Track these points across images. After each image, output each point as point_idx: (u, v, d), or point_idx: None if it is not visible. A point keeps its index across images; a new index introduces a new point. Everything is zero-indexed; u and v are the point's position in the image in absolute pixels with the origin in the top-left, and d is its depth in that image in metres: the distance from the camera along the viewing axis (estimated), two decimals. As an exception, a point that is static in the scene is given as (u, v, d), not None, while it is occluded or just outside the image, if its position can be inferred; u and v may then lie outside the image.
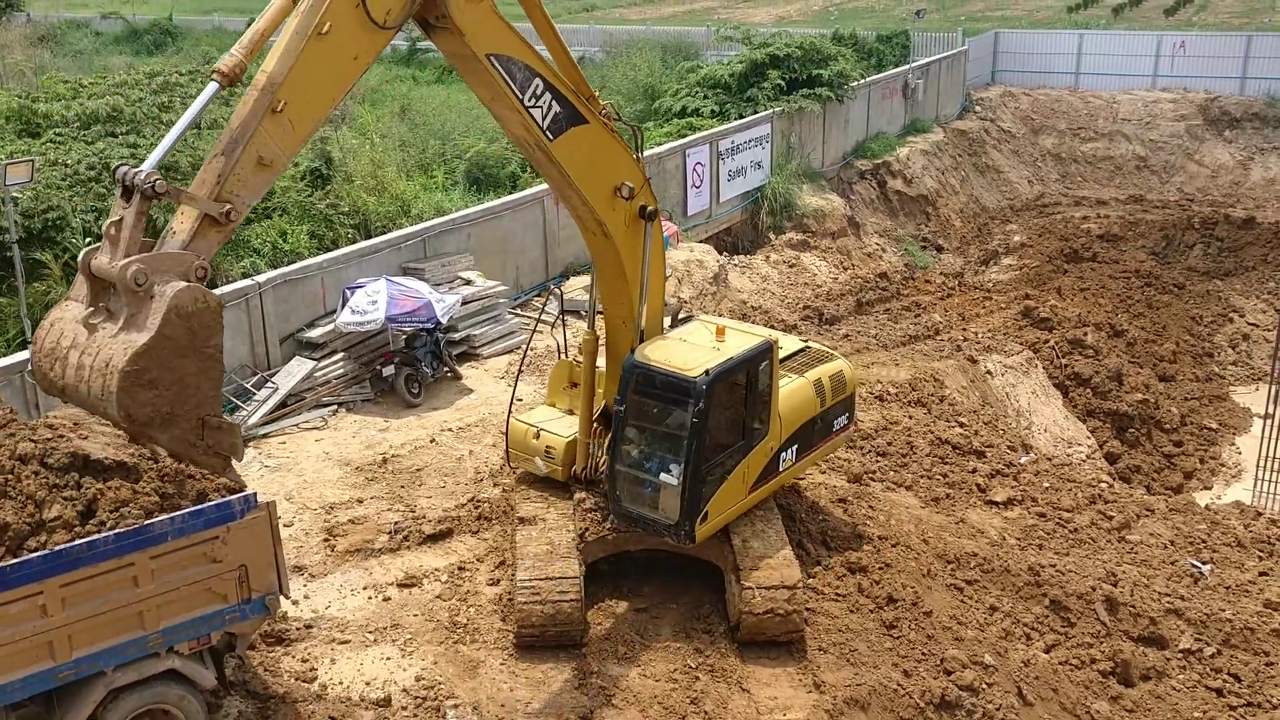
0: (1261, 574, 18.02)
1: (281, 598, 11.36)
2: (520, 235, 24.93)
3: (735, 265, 29.47)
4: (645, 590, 14.24)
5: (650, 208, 12.84)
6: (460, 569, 14.58)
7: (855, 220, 35.90)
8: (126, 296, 8.81)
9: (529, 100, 11.25)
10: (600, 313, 13.85)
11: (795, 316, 27.63)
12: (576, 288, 25.03)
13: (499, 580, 14.31)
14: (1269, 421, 24.85)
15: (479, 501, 16.14)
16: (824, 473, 17.66)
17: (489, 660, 12.96)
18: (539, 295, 25.08)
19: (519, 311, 23.68)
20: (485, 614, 13.73)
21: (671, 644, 13.32)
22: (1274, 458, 24.27)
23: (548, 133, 11.51)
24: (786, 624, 13.27)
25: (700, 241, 29.98)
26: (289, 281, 20.15)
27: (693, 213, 30.65)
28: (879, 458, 19.14)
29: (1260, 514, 20.99)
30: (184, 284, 8.87)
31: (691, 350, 13.14)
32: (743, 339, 13.64)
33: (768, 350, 13.61)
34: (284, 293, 20.04)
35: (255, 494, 10.92)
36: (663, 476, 12.95)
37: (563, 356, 15.08)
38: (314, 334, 20.23)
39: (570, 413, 14.51)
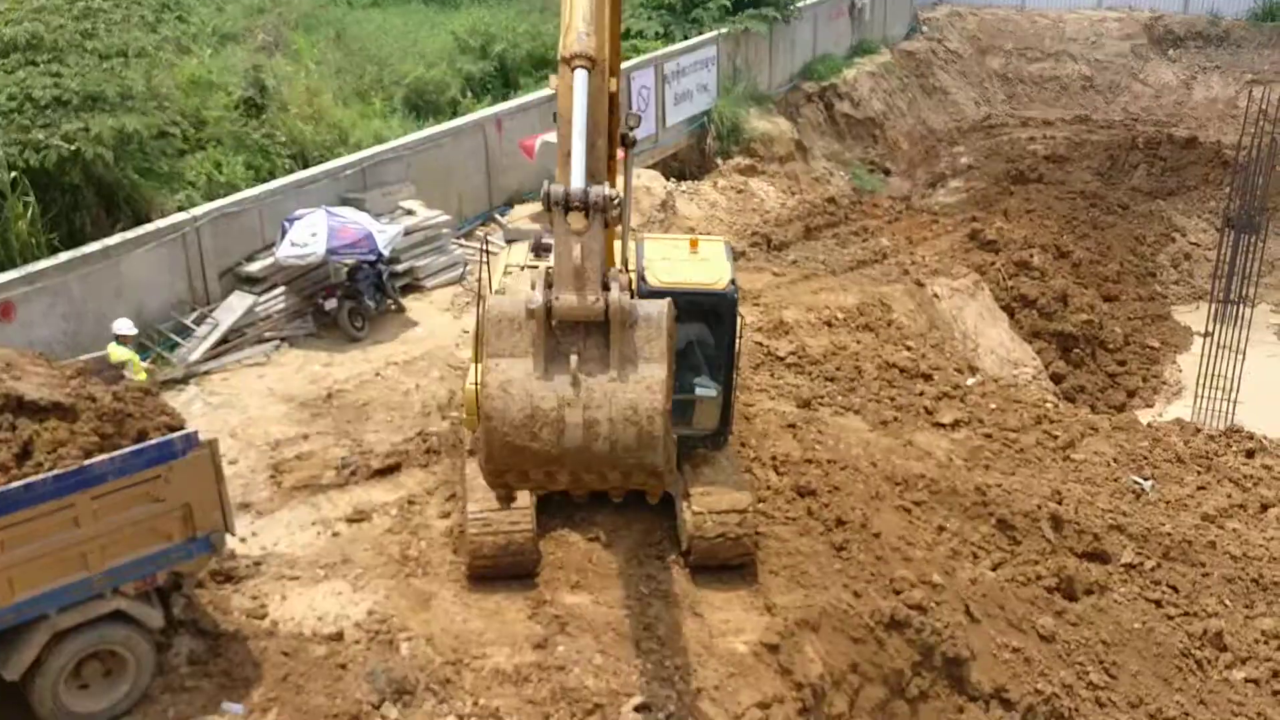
0: (1200, 488, 18.45)
1: (227, 536, 11.26)
2: (462, 163, 24.49)
3: (683, 192, 29.23)
4: (597, 519, 14.23)
5: (631, 135, 12.60)
6: (410, 503, 14.49)
7: (803, 144, 35.67)
8: (616, 332, 7.56)
9: None
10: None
11: (744, 243, 27.49)
12: (520, 217, 24.74)
13: (449, 513, 14.24)
14: (1209, 339, 25.30)
15: (427, 435, 16.01)
16: (773, 398, 17.70)
17: (441, 592, 12.93)
18: (483, 225, 24.74)
19: (463, 241, 23.34)
20: (436, 547, 13.68)
21: (624, 571, 13.35)
22: (1213, 375, 24.75)
23: None
24: (738, 548, 13.36)
25: (647, 168, 29.62)
26: (226, 215, 19.66)
27: (639, 138, 30.22)
28: (827, 382, 19.22)
29: (1199, 430, 21.46)
30: (664, 302, 7.81)
31: (695, 265, 13.33)
32: (713, 245, 13.98)
33: (731, 250, 14.25)
34: (221, 226, 19.56)
35: (197, 432, 10.77)
36: (699, 391, 13.29)
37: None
38: (253, 268, 19.82)
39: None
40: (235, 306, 19.15)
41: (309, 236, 19.05)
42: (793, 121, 36.12)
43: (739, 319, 13.24)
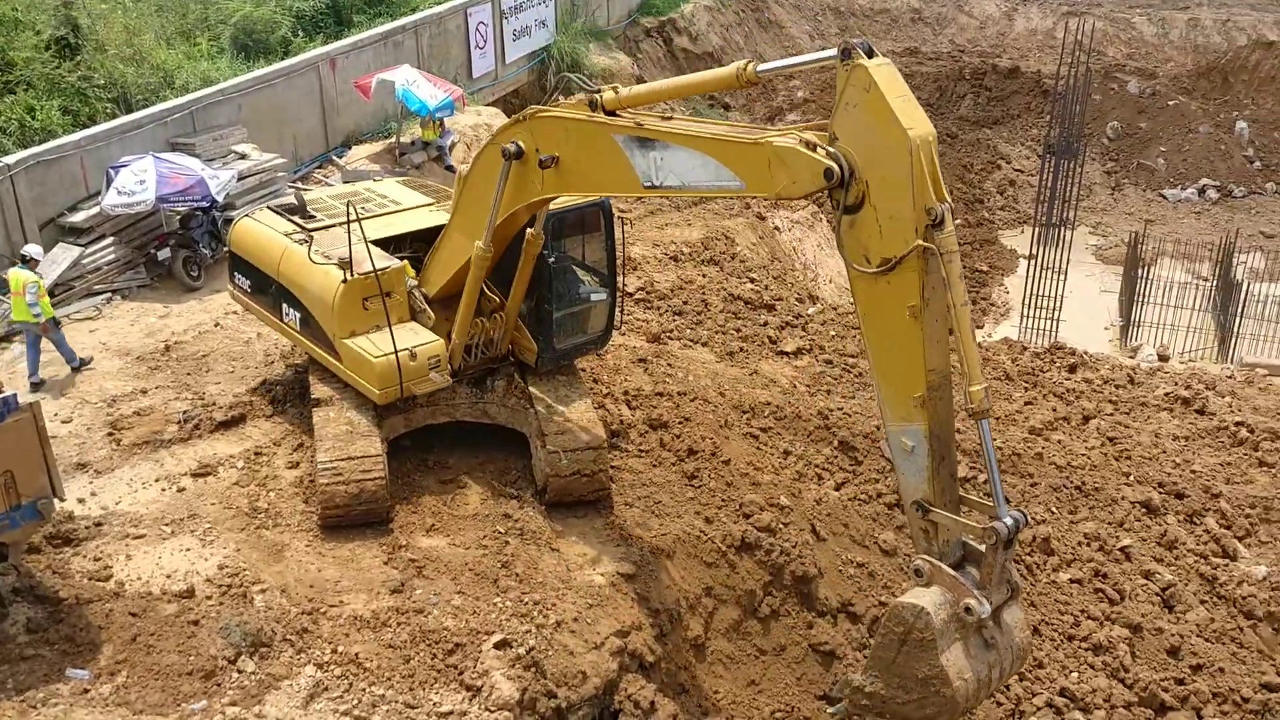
0: (1027, 404, 19.48)
1: (56, 501, 10.81)
2: (296, 104, 23.75)
3: (525, 129, 28.97)
4: (450, 462, 14.23)
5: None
6: (257, 454, 14.19)
7: (643, 80, 35.70)
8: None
9: None
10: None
11: (588, 179, 27.53)
12: (359, 157, 24.22)
13: (298, 463, 14.01)
14: (1033, 262, 26.55)
15: (271, 384, 15.66)
16: (624, 334, 17.87)
17: (294, 543, 12.76)
18: (319, 167, 24.11)
19: (299, 184, 22.71)
20: (286, 497, 13.46)
21: (480, 512, 13.41)
22: (1038, 295, 26.03)
23: None
24: (593, 484, 13.56)
25: (487, 105, 29.29)
26: (43, 162, 18.67)
27: (478, 75, 29.84)
28: (675, 316, 19.51)
29: (1026, 348, 22.58)
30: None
31: None
32: None
33: None
34: (38, 174, 18.57)
35: (15, 395, 10.28)
36: (593, 298, 14.06)
37: (350, 277, 12.99)
38: (77, 218, 18.91)
39: (379, 329, 13.14)
40: (60, 259, 18.29)
41: (136, 184, 18.29)
42: (633, 57, 36.10)
43: (617, 224, 13.75)
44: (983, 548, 9.25)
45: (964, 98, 38.77)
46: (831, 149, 8.97)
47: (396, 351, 12.79)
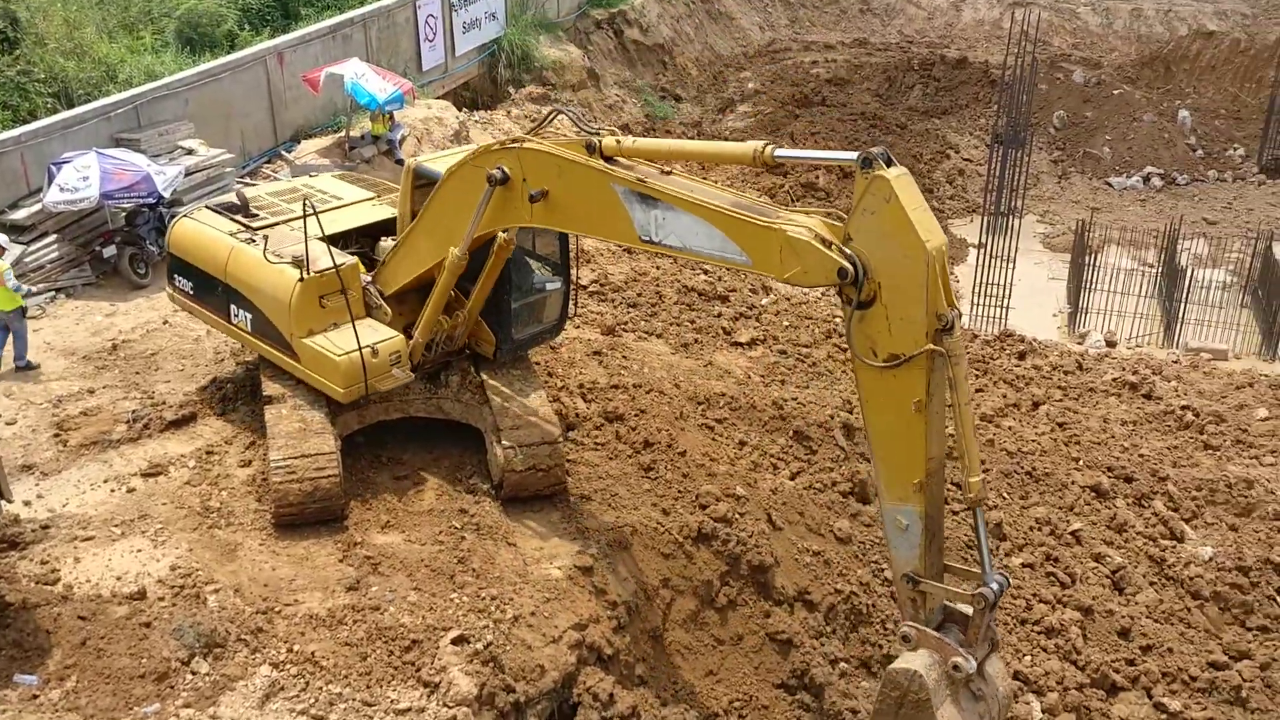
0: (978, 391, 19.69)
1: (3, 503, 10.62)
2: (243, 99, 23.45)
3: (476, 121, 28.83)
4: (405, 458, 14.15)
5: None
6: (208, 453, 14.02)
7: (594, 72, 35.64)
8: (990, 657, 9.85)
9: None
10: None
11: (540, 172, 27.40)
12: (308, 152, 23.97)
13: (251, 461, 13.86)
14: (982, 250, 26.81)
15: (221, 382, 15.48)
16: (578, 327, 17.86)
17: (247, 542, 12.63)
18: (268, 162, 23.84)
19: (247, 180, 22.44)
20: (239, 496, 13.31)
21: (435, 508, 13.34)
22: (987, 284, 26.29)
23: None
24: (549, 478, 13.52)
25: (438, 98, 29.09)
26: (-18, 159, 18.34)
27: (428, 67, 29.63)
28: (630, 309, 19.51)
29: (976, 336, 22.83)
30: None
31: None
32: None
33: None
34: (-23, 172, 18.24)
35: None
36: (549, 287, 14.18)
37: (306, 275, 12.91)
38: (19, 215, 18.56)
39: (335, 326, 13.11)
40: (0, 258, 17.95)
41: (79, 181, 17.98)
42: (583, 49, 36.01)
43: None
44: (967, 609, 9.65)
45: (913, 88, 39.04)
46: (846, 249, 9.12)
47: (361, 349, 12.68)
